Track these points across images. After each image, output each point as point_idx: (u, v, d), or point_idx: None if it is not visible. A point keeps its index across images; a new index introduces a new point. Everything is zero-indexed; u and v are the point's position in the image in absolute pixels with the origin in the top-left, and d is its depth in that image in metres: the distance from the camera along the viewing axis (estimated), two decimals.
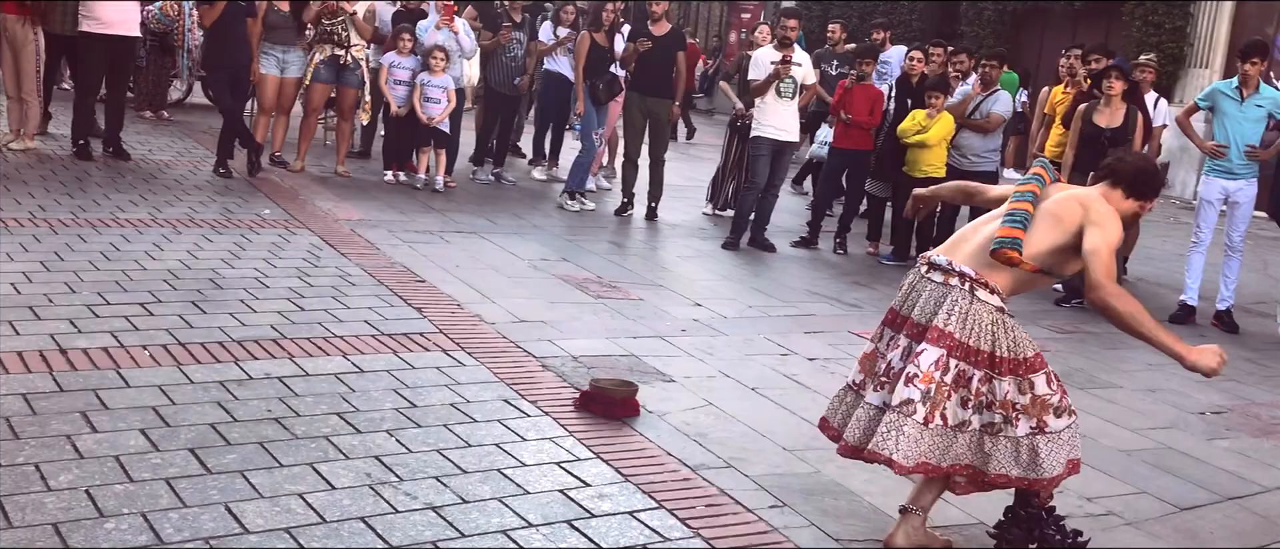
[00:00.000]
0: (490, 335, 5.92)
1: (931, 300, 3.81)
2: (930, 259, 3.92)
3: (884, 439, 3.72)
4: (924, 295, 3.84)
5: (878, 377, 3.90)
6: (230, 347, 5.30)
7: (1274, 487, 5.04)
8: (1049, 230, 3.81)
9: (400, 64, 10.24)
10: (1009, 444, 3.79)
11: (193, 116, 13.02)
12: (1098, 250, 3.72)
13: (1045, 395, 3.82)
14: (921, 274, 3.91)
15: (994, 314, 3.76)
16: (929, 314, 3.79)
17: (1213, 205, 8.27)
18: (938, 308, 3.77)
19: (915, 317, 3.84)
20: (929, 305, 3.81)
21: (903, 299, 3.94)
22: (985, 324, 3.74)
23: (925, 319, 3.79)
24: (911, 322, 3.85)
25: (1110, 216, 3.82)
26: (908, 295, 3.92)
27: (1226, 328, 8.14)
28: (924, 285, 3.87)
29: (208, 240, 7.31)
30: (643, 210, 10.19)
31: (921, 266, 3.94)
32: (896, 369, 3.82)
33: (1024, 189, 3.92)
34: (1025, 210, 3.83)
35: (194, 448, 4.14)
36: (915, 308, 3.85)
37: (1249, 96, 8.08)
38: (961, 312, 3.74)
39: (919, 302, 3.85)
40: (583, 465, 4.37)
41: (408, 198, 9.69)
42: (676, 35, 10.29)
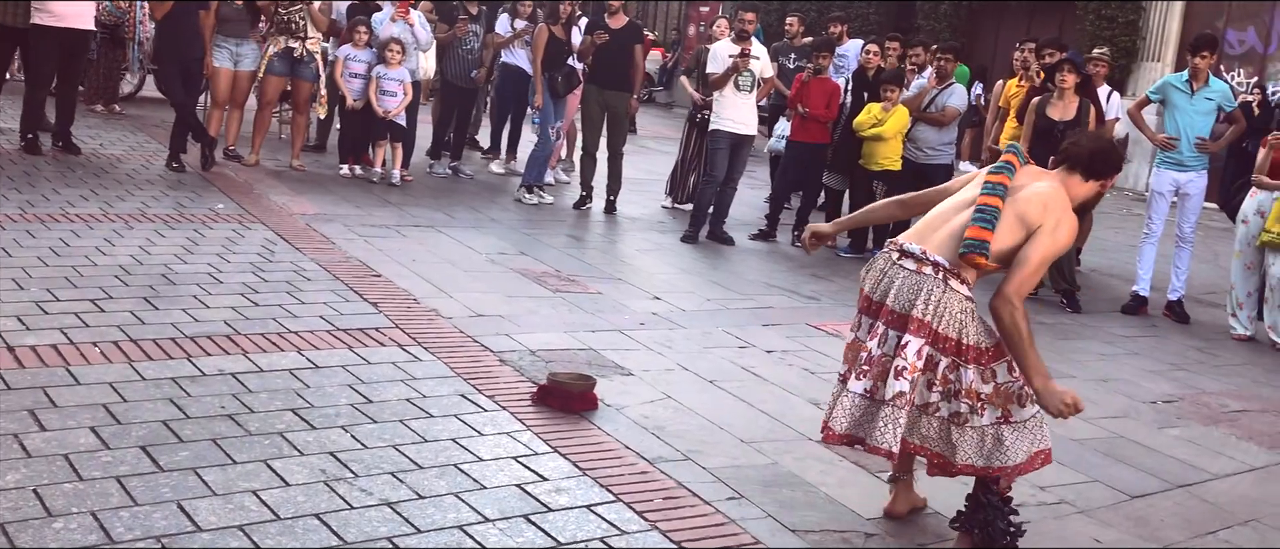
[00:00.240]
0: (447, 330, 5.89)
1: (906, 288, 3.85)
2: (902, 247, 3.94)
3: (883, 433, 3.80)
4: (898, 283, 3.87)
5: (859, 365, 3.93)
6: (183, 343, 5.23)
7: (1223, 474, 5.12)
8: (1013, 231, 3.85)
9: (356, 57, 10.16)
10: (975, 434, 3.86)
11: (145, 110, 12.85)
12: (1030, 261, 3.80)
13: (1007, 383, 3.87)
14: (893, 261, 3.93)
15: (964, 303, 3.83)
16: (907, 303, 3.83)
17: (1164, 197, 8.37)
18: (914, 297, 3.82)
19: (891, 305, 3.87)
20: (904, 293, 3.85)
21: (875, 285, 3.97)
22: (955, 312, 3.81)
23: (903, 308, 3.84)
24: (887, 309, 3.88)
25: (1064, 225, 3.86)
26: (880, 281, 3.95)
27: (1177, 318, 8.25)
28: (897, 273, 3.90)
29: (160, 235, 7.22)
30: (601, 204, 10.17)
31: (892, 253, 3.97)
32: (875, 356, 3.88)
33: (995, 181, 3.92)
34: (995, 207, 3.84)
35: (145, 445, 4.08)
36: (890, 295, 3.88)
37: (1199, 89, 8.19)
38: (936, 300, 3.80)
39: (893, 289, 3.88)
40: (540, 460, 4.36)
41: (364, 192, 9.62)
42: (633, 28, 10.27)
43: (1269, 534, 4.49)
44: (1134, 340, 7.55)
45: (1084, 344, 7.32)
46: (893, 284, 3.89)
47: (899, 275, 3.89)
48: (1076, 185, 4.00)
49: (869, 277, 4.02)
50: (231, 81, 9.95)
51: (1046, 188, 3.92)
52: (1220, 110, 8.35)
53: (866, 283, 4.01)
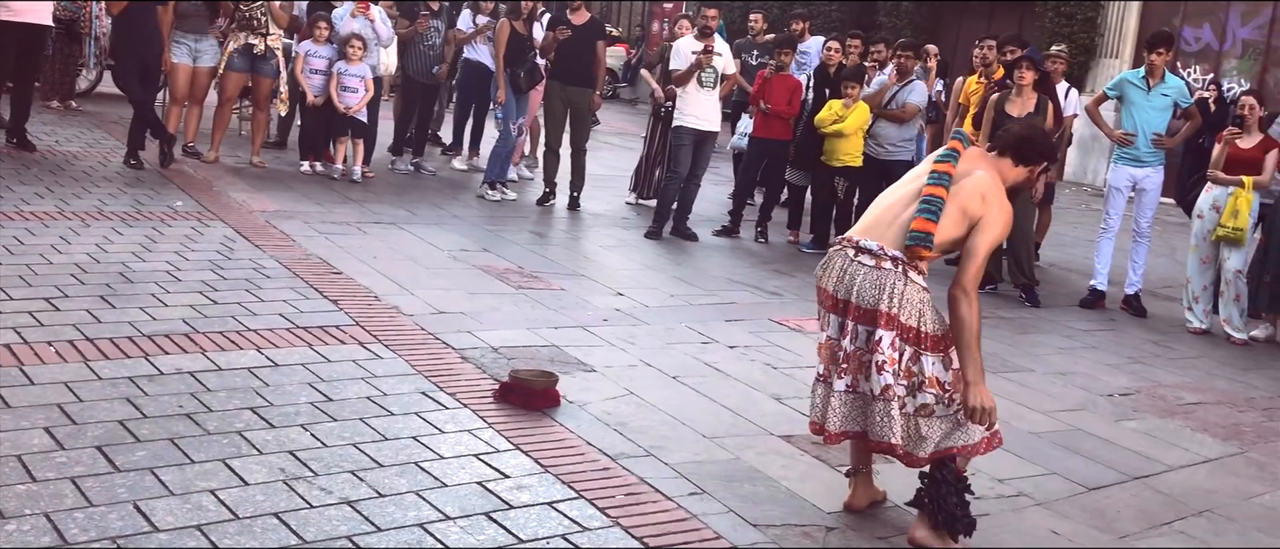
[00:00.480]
0: (408, 327, 5.86)
1: (869, 284, 3.93)
2: (858, 243, 4.01)
3: (883, 429, 3.92)
4: (860, 280, 3.95)
5: (839, 364, 4.02)
6: (140, 342, 5.18)
7: (1179, 465, 5.18)
8: (957, 223, 3.94)
9: (316, 53, 10.09)
10: (941, 422, 3.97)
11: (103, 106, 12.69)
12: (978, 252, 3.92)
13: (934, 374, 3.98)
14: (851, 258, 4.01)
15: (922, 294, 3.95)
16: (872, 299, 3.92)
17: (1121, 192, 8.46)
18: (879, 292, 3.91)
19: (856, 301, 3.96)
20: (868, 289, 3.93)
21: (837, 283, 4.03)
22: (915, 303, 3.92)
23: (869, 303, 3.93)
24: (854, 306, 3.97)
25: (1000, 215, 3.97)
26: (841, 279, 4.01)
27: (1134, 312, 8.35)
28: (857, 269, 3.97)
29: (118, 233, 7.14)
30: (565, 200, 10.16)
31: (848, 250, 4.03)
32: (850, 352, 3.99)
33: (941, 170, 4.00)
34: (940, 198, 3.94)
35: (101, 446, 4.04)
36: (854, 292, 3.96)
37: (1155, 86, 8.29)
38: (899, 293, 3.90)
39: (856, 286, 3.96)
40: (501, 457, 4.35)
41: (324, 189, 9.55)
42: (596, 24, 10.26)
43: (1223, 525, 4.55)
44: (1092, 334, 7.63)
45: (1043, 338, 7.40)
46: (855, 281, 3.96)
47: (860, 272, 3.96)
48: (1008, 169, 4.12)
49: (828, 275, 4.07)
50: (190, 78, 9.86)
51: (983, 177, 4.02)
52: (1176, 106, 8.44)
53: (827, 282, 4.07)
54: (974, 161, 4.08)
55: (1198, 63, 15.74)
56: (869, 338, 3.93)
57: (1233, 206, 7.74)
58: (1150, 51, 8.31)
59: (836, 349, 4.04)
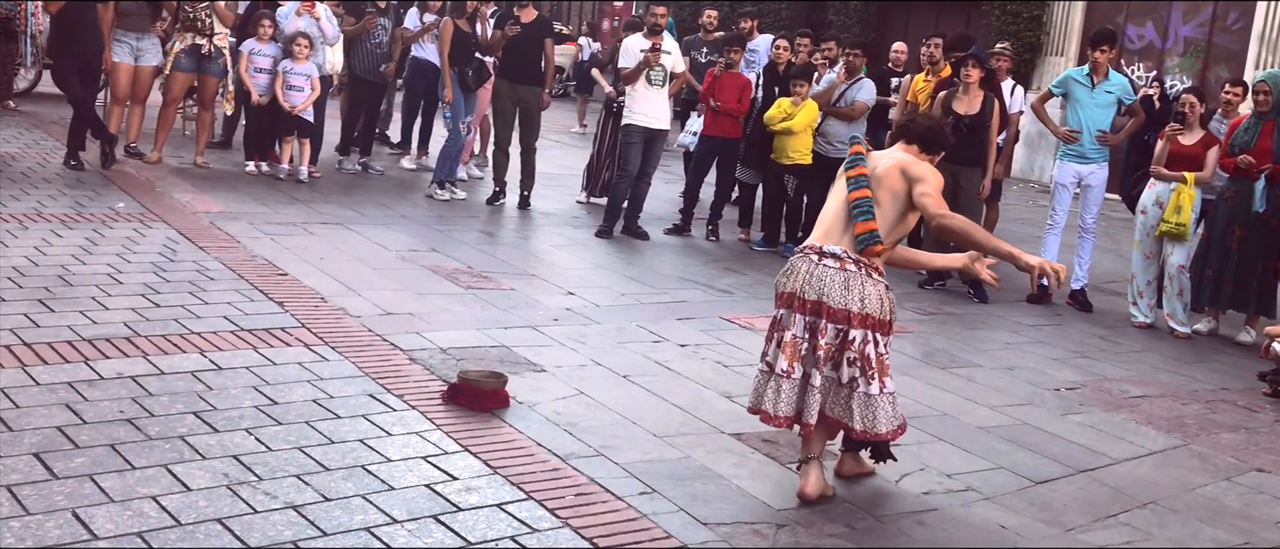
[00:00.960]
0: (355, 329, 5.80)
1: (837, 286, 4.24)
2: (821, 249, 4.33)
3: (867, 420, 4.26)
4: (829, 281, 4.25)
5: (818, 360, 4.27)
6: (80, 346, 5.08)
7: (1124, 458, 5.24)
8: (889, 204, 4.34)
9: (260, 51, 9.96)
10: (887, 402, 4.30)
11: (42, 106, 12.46)
12: (927, 194, 4.28)
13: (884, 355, 4.32)
14: (816, 263, 4.30)
15: (882, 290, 4.32)
16: (843, 299, 4.24)
17: (1067, 189, 8.56)
18: (848, 293, 4.24)
19: (827, 301, 4.25)
20: (838, 291, 4.24)
21: (805, 285, 4.29)
22: (880, 298, 4.29)
23: (840, 304, 4.24)
24: (826, 306, 4.25)
25: (927, 168, 4.40)
26: (809, 281, 4.28)
27: (1081, 306, 8.44)
28: (824, 273, 4.27)
29: (57, 235, 7.00)
30: (515, 199, 10.11)
31: (812, 256, 4.34)
32: (823, 347, 4.26)
33: (856, 175, 4.38)
34: (866, 198, 4.32)
35: (39, 452, 3.95)
36: (825, 294, 4.25)
37: (1099, 83, 8.39)
38: (867, 294, 4.25)
39: (825, 287, 4.25)
40: (450, 459, 4.31)
41: (270, 189, 9.43)
42: (543, 22, 10.21)
43: (1167, 516, 4.61)
44: (1039, 329, 7.71)
45: (990, 333, 7.46)
46: (824, 283, 4.25)
47: (828, 274, 4.26)
48: (915, 158, 4.46)
49: (792, 279, 4.34)
50: (132, 77, 9.69)
51: (898, 155, 4.45)
52: (1120, 103, 8.55)
53: (792, 284, 4.33)
54: (882, 156, 4.49)
55: (1141, 60, 15.96)
56: (840, 334, 4.25)
57: (1175, 202, 7.85)
58: (1094, 49, 8.42)
59: (800, 345, 4.29)
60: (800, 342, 4.29)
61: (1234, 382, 6.86)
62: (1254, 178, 7.68)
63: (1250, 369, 7.06)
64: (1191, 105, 8.03)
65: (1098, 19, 15.69)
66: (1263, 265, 7.74)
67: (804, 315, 4.28)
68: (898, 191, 4.33)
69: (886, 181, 4.34)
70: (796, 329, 4.28)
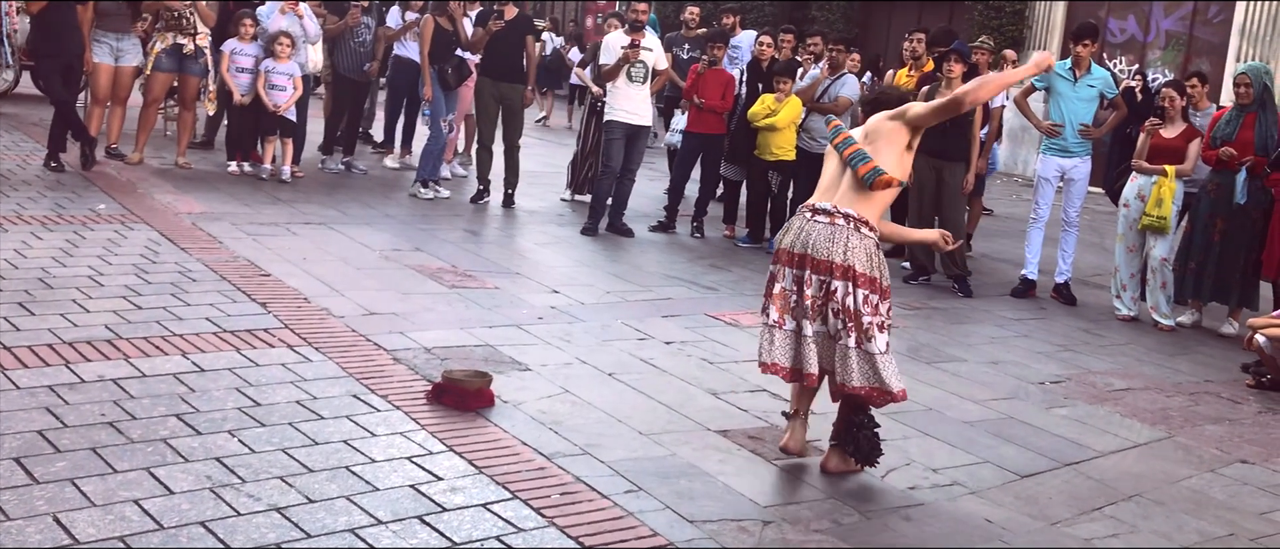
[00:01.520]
0: (339, 329, 5.77)
1: (824, 238, 4.41)
2: (814, 206, 4.51)
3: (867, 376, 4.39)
4: (815, 235, 4.43)
5: (806, 311, 4.44)
6: (61, 349, 5.04)
7: (1109, 451, 5.25)
8: (887, 146, 4.52)
9: (242, 51, 9.90)
10: (890, 361, 4.45)
11: (21, 108, 12.38)
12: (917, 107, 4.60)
13: (880, 314, 4.47)
14: (808, 219, 4.50)
15: (871, 247, 4.45)
16: (826, 251, 4.40)
17: (1050, 182, 8.57)
18: (832, 245, 4.40)
19: (811, 253, 4.42)
20: (822, 243, 4.41)
21: (795, 241, 4.49)
22: (868, 253, 4.43)
23: (824, 256, 4.40)
24: (811, 258, 4.42)
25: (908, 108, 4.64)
26: (799, 237, 4.48)
27: (1065, 300, 8.46)
28: (813, 227, 4.46)
29: (37, 238, 6.95)
30: (499, 197, 10.08)
31: (805, 213, 4.53)
32: (811, 299, 4.43)
33: (843, 138, 4.62)
34: (861, 149, 4.54)
35: (19, 457, 3.92)
36: (810, 247, 4.43)
37: (1082, 77, 8.40)
38: (852, 246, 4.40)
39: (813, 241, 4.43)
40: (435, 459, 4.29)
41: (253, 189, 9.38)
42: (525, 19, 10.18)
43: (1151, 508, 4.62)
44: (1023, 322, 7.73)
45: (975, 328, 7.47)
46: (811, 237, 4.44)
47: (815, 229, 4.45)
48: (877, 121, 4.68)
49: (787, 236, 4.55)
50: (113, 77, 9.63)
51: (879, 117, 4.65)
52: (1103, 97, 8.57)
53: (785, 240, 4.54)
54: (863, 127, 4.70)
55: (1123, 54, 16.02)
56: (824, 286, 4.41)
57: (1156, 196, 7.88)
58: (1076, 43, 8.43)
59: (789, 297, 4.49)
60: (789, 294, 4.49)
61: (1218, 374, 6.88)
62: (1235, 170, 7.71)
63: (1233, 361, 7.09)
64: (1171, 99, 8.07)
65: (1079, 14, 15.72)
66: (1244, 257, 7.77)
67: (792, 268, 4.49)
68: (891, 135, 4.53)
69: (878, 133, 4.57)
70: (785, 282, 4.50)
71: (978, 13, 17.08)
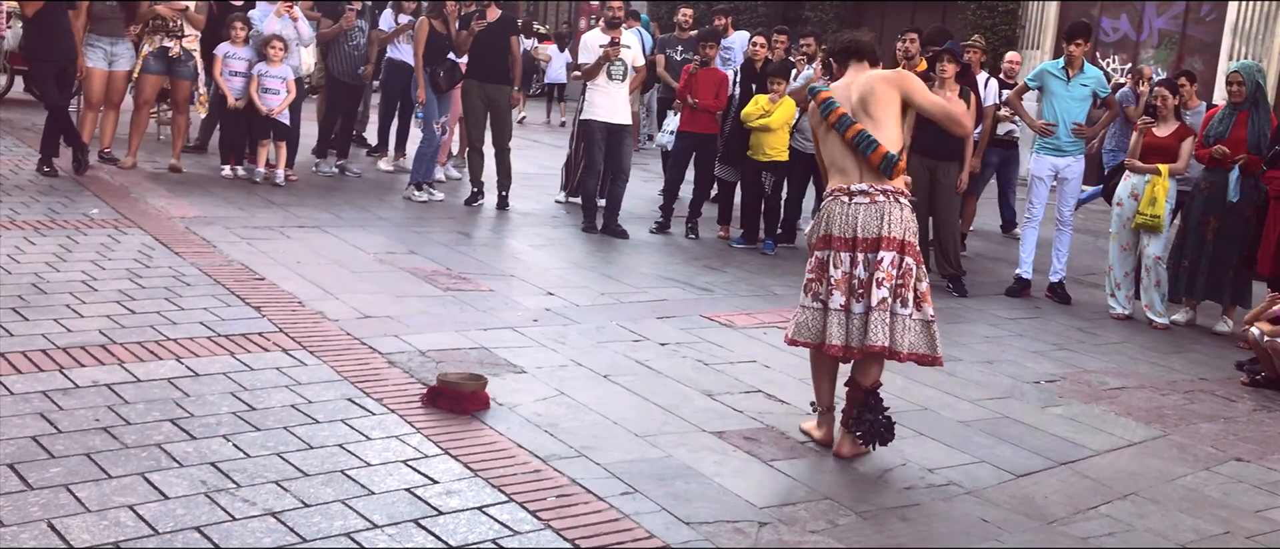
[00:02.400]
0: (333, 333, 5.76)
1: (871, 217, 4.60)
2: (849, 189, 4.66)
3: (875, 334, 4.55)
4: (862, 216, 4.61)
5: (855, 291, 4.61)
6: (54, 354, 5.02)
7: (1104, 450, 5.26)
8: (885, 116, 4.66)
9: (235, 54, 9.89)
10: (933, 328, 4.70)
11: (14, 113, 12.35)
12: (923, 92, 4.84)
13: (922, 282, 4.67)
14: (847, 203, 4.65)
15: (910, 216, 4.67)
16: (877, 228, 4.58)
17: (1043, 182, 8.58)
18: (881, 221, 4.58)
19: (864, 234, 4.60)
20: (872, 222, 4.59)
21: (843, 226, 4.64)
22: (911, 223, 4.66)
23: (874, 233, 4.59)
24: (860, 239, 4.61)
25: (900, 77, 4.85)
26: (844, 220, 4.64)
27: (1059, 299, 8.47)
28: (857, 210, 4.62)
29: (30, 242, 6.93)
30: (494, 199, 10.08)
31: (842, 197, 4.67)
32: (864, 279, 4.59)
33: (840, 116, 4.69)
34: (864, 131, 4.64)
35: (13, 463, 3.91)
36: (858, 227, 4.61)
37: (1074, 76, 8.41)
38: (897, 218, 4.60)
39: (860, 222, 4.61)
40: (430, 463, 4.28)
41: (246, 193, 9.37)
42: (508, 20, 10.17)
43: (1147, 507, 4.62)
44: (1018, 322, 7.73)
45: (970, 327, 7.47)
46: (857, 218, 4.61)
47: (861, 211, 4.61)
48: (868, 69, 4.88)
49: (826, 223, 4.69)
50: (106, 82, 9.62)
51: (867, 76, 4.79)
52: (1095, 96, 8.59)
53: (832, 227, 4.67)
54: (844, 86, 4.82)
55: (1116, 53, 16.04)
56: (875, 261, 4.58)
57: (1150, 194, 7.89)
58: (1069, 42, 8.44)
59: (852, 279, 4.62)
60: (851, 276, 4.62)
61: (1212, 371, 6.89)
62: (1228, 168, 7.73)
63: (1228, 359, 7.10)
64: (1164, 98, 8.08)
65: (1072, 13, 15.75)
66: (1238, 255, 7.78)
67: (848, 252, 4.63)
68: (888, 100, 4.68)
69: (875, 99, 4.69)
70: (846, 266, 4.63)
71: (971, 12, 17.10)
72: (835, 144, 4.73)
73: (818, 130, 4.86)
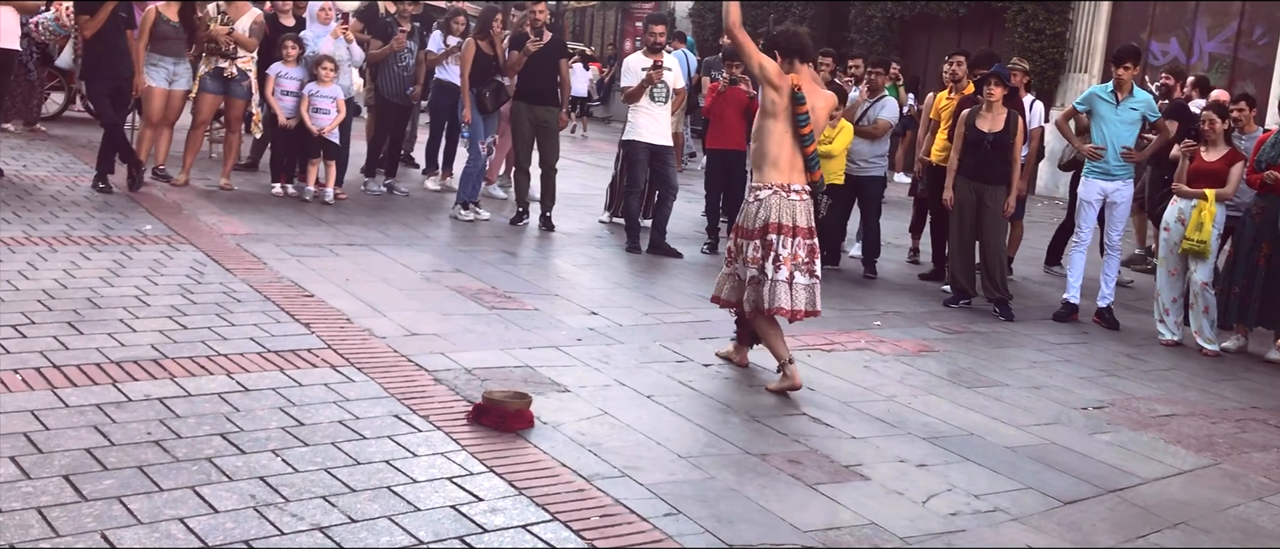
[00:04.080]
0: (381, 350, 5.82)
1: (801, 210, 5.88)
2: (789, 186, 5.88)
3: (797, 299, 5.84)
4: (797, 208, 5.88)
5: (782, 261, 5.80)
6: (108, 368, 5.11)
7: (1153, 478, 5.20)
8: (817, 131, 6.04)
9: (287, 74, 10.04)
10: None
11: (72, 130, 12.59)
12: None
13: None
14: (786, 196, 5.87)
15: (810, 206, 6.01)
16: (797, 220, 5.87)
17: (1092, 205, 8.51)
18: (799, 213, 5.88)
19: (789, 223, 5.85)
20: (801, 214, 5.89)
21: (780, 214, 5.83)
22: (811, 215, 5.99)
23: (796, 222, 5.86)
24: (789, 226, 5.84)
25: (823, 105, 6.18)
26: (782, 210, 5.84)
27: (1107, 324, 8.39)
28: (793, 202, 5.88)
29: (85, 258, 7.07)
30: (538, 219, 10.14)
31: (783, 193, 5.86)
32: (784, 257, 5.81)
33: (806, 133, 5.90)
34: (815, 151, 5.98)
35: (68, 474, 3.98)
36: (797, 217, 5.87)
37: (1124, 100, 8.34)
38: (808, 212, 5.94)
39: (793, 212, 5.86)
40: (475, 480, 4.31)
41: (296, 210, 9.50)
42: (557, 42, 10.26)
43: (1197, 536, 4.56)
44: (1065, 347, 7.66)
45: (1017, 352, 7.42)
46: (796, 212, 5.86)
47: (800, 206, 5.89)
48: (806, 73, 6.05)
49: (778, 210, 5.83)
50: (165, 100, 9.80)
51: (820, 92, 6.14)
52: (1145, 120, 8.51)
53: (779, 215, 5.82)
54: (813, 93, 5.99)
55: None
56: (793, 244, 5.82)
57: (1196, 219, 7.80)
58: (1117, 66, 8.38)
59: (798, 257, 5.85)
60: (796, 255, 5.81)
61: (1264, 400, 6.79)
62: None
63: None
64: (1211, 121, 7.99)
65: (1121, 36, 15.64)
66: None
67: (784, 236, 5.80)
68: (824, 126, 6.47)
69: (820, 116, 6.05)
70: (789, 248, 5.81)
71: (1018, 35, 17.01)
72: (786, 135, 5.86)
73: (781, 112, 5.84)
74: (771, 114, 5.86)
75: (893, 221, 11.14)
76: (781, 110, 5.83)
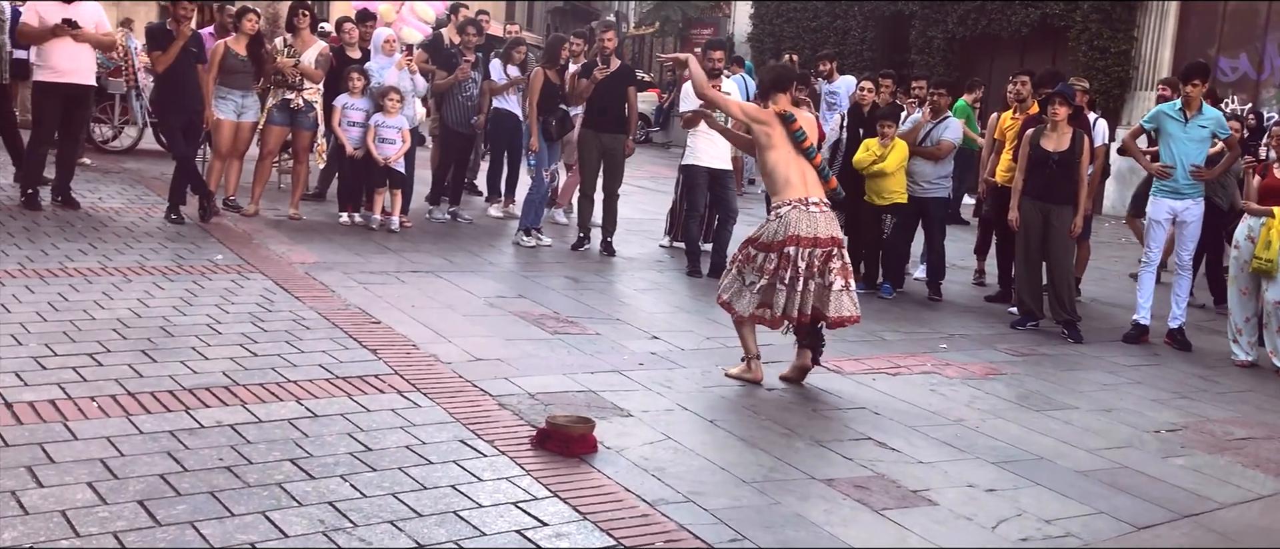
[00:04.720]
0: (446, 375, 5.88)
1: (823, 222, 6.12)
2: (807, 200, 6.11)
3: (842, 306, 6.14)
4: (821, 221, 6.12)
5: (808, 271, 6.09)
6: (181, 395, 5.22)
7: (1230, 503, 5.08)
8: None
9: (353, 105, 10.20)
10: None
11: (144, 163, 12.89)
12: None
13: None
14: (807, 211, 6.10)
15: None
16: (825, 232, 6.13)
17: (1161, 225, 8.36)
18: (827, 225, 6.14)
19: (820, 235, 6.10)
20: (824, 226, 6.12)
21: (809, 228, 6.07)
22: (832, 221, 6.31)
23: (824, 234, 6.12)
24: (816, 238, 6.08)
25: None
26: (806, 223, 6.07)
27: (1179, 346, 8.22)
28: (816, 215, 6.12)
29: (159, 288, 7.22)
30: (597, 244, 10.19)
31: (806, 207, 6.09)
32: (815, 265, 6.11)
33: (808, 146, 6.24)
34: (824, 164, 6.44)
35: (143, 500, 4.06)
36: (820, 230, 6.10)
37: (1192, 118, 8.21)
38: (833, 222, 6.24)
39: (819, 226, 6.10)
40: (540, 505, 4.33)
41: (363, 239, 9.63)
42: (627, 70, 10.33)
43: None
44: (1136, 369, 7.52)
45: (1086, 374, 7.30)
46: (818, 223, 6.09)
47: (821, 217, 6.12)
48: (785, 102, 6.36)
49: (796, 224, 6.05)
50: (234, 132, 10.01)
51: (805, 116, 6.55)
52: (1215, 138, 8.36)
53: (798, 228, 6.04)
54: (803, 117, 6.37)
55: (1235, 93, 15.59)
56: (827, 255, 6.10)
57: (1265, 237, 7.63)
58: (1185, 84, 8.24)
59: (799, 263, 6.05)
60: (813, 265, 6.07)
61: None
62: None
63: None
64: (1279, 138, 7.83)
65: (1188, 52, 15.38)
66: None
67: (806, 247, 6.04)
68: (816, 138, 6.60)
69: (810, 132, 6.34)
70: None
71: (1082, 53, 16.80)
72: (788, 153, 6.16)
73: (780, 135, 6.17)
74: (769, 146, 6.19)
75: (957, 243, 11.03)
76: (778, 138, 6.16)
